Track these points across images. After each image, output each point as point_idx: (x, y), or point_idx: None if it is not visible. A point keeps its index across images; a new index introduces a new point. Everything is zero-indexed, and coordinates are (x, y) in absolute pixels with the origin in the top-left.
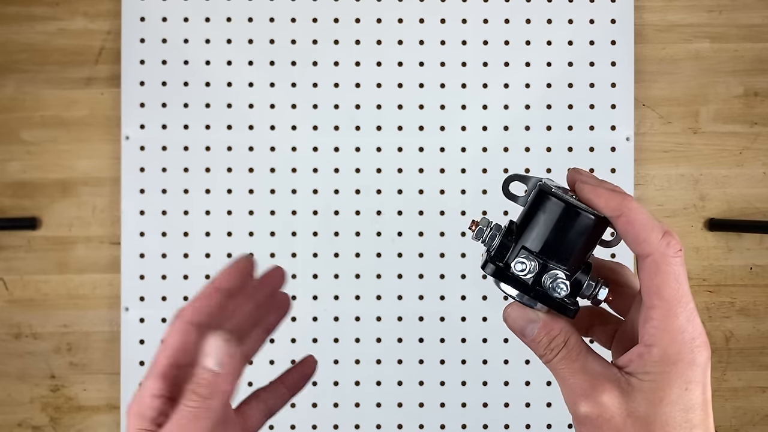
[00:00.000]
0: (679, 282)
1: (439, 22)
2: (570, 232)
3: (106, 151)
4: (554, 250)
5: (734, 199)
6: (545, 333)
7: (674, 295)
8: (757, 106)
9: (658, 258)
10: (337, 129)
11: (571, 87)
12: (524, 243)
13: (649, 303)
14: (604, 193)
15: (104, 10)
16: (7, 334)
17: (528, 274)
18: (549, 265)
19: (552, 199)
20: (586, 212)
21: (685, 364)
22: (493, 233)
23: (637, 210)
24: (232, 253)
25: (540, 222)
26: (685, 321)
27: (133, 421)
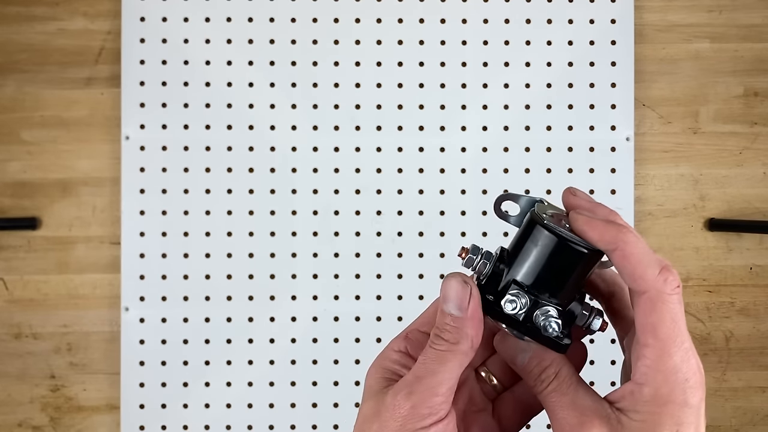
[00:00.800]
0: (675, 321)
1: (439, 22)
2: (562, 266)
3: (106, 151)
4: (546, 285)
5: (734, 199)
6: (536, 363)
7: (669, 334)
8: (757, 106)
9: (653, 296)
10: (337, 129)
11: (571, 87)
12: (515, 276)
13: (643, 341)
14: (598, 225)
15: (104, 10)
16: (7, 334)
17: (519, 311)
18: (540, 300)
19: (543, 231)
20: (578, 246)
21: (677, 405)
22: (484, 263)
23: (633, 243)
24: (232, 254)
25: (531, 254)
26: (680, 361)
27: (373, 372)
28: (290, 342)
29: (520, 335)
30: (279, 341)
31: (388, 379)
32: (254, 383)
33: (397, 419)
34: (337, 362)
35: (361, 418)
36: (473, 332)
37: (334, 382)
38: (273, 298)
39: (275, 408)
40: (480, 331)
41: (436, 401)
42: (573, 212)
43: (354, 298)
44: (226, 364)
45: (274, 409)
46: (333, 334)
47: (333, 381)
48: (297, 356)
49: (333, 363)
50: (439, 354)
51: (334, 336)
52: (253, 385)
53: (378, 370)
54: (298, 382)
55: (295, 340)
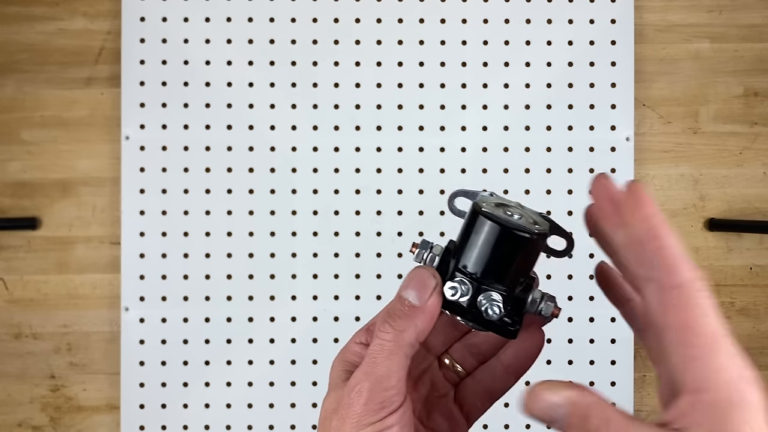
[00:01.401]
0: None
1: (439, 22)
2: (503, 251)
3: (106, 151)
4: (489, 271)
5: (734, 199)
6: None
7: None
8: (757, 106)
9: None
10: (337, 129)
11: (571, 87)
12: (460, 265)
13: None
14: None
15: (104, 10)
16: (7, 334)
17: (461, 298)
18: (484, 286)
19: (482, 219)
20: (517, 230)
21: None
22: (433, 255)
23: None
24: (232, 254)
25: (473, 242)
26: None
27: (336, 364)
28: (290, 342)
29: (472, 324)
30: (279, 341)
31: (348, 371)
32: (254, 383)
33: (353, 417)
34: None
35: (323, 411)
36: (423, 326)
37: None
38: (273, 298)
39: (275, 408)
40: (428, 328)
41: (386, 395)
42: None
43: (354, 298)
44: (226, 364)
45: (274, 409)
46: (333, 334)
47: None
48: (297, 356)
49: None
50: (385, 346)
51: (334, 336)
52: (253, 385)
53: (340, 362)
54: (298, 382)
55: (295, 340)
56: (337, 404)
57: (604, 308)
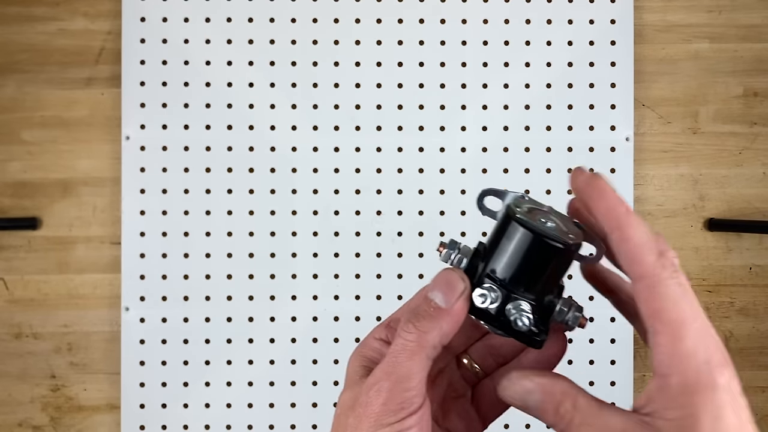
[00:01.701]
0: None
1: (439, 22)
2: (536, 261)
3: (106, 151)
4: (520, 279)
5: (734, 199)
6: (548, 401)
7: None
8: (756, 106)
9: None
10: (337, 129)
11: (571, 87)
12: (490, 270)
13: (652, 328)
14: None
15: (104, 11)
16: (7, 334)
17: (491, 305)
18: (513, 294)
19: (516, 226)
20: (553, 240)
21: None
22: (460, 257)
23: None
24: (232, 254)
25: (505, 248)
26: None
27: (353, 360)
28: (290, 342)
29: (497, 331)
30: (279, 341)
31: (366, 367)
32: (254, 383)
33: (370, 416)
34: (337, 362)
35: (339, 407)
36: (448, 328)
37: (334, 382)
38: (273, 298)
39: (275, 408)
40: (453, 331)
41: (407, 395)
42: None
43: (354, 298)
44: (226, 364)
45: (274, 409)
46: (333, 334)
47: (333, 381)
48: (297, 356)
49: (333, 363)
50: (407, 346)
51: (334, 336)
52: (253, 385)
53: (358, 358)
54: (298, 382)
55: (295, 340)
56: (354, 402)
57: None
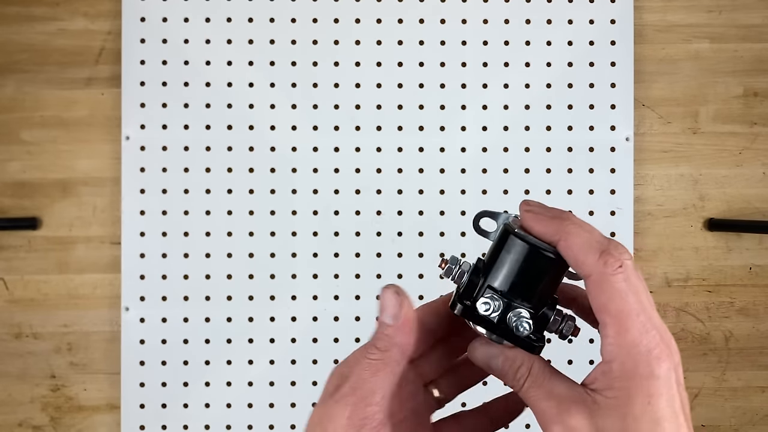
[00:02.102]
0: (624, 298)
1: (439, 22)
2: (533, 271)
3: (106, 151)
4: (518, 289)
5: (734, 199)
6: (509, 365)
7: (621, 310)
8: (756, 106)
9: (597, 278)
10: (337, 129)
11: (571, 87)
12: (490, 282)
13: (601, 321)
14: (543, 219)
15: (104, 11)
16: (7, 334)
17: (493, 313)
18: (513, 303)
19: (514, 239)
20: (547, 252)
21: (644, 377)
22: (462, 271)
23: (574, 233)
24: (232, 254)
25: (504, 261)
26: (638, 334)
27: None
28: (290, 342)
29: (496, 338)
30: (279, 341)
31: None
32: (254, 383)
33: (335, 430)
34: (337, 362)
35: (309, 422)
36: (404, 340)
37: None
38: (273, 298)
39: (275, 408)
40: (410, 340)
41: (369, 411)
42: (523, 211)
43: (354, 298)
44: (226, 364)
45: (274, 409)
46: (333, 334)
47: None
48: (297, 356)
49: (333, 363)
50: (372, 364)
51: (334, 336)
52: (253, 385)
53: (335, 376)
54: (298, 382)
55: (295, 340)
56: (321, 417)
57: None
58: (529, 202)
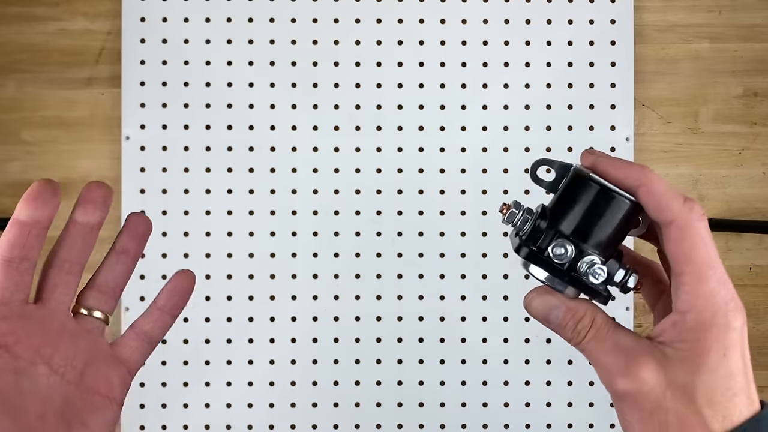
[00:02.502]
0: (707, 245)
1: (439, 22)
2: (606, 217)
3: (106, 151)
4: (590, 235)
5: (734, 199)
6: (570, 317)
7: (703, 258)
8: (756, 106)
9: (682, 223)
10: (337, 129)
11: (571, 87)
12: (559, 227)
13: (679, 269)
14: (623, 165)
15: (104, 11)
16: None
17: (565, 260)
18: (585, 250)
19: (589, 183)
20: (622, 196)
21: (720, 328)
22: (525, 217)
23: (657, 180)
24: (232, 254)
25: (575, 206)
26: (717, 284)
27: None
28: (290, 342)
29: (561, 285)
30: (279, 341)
31: None
32: (254, 383)
33: None
34: (337, 362)
35: None
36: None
37: (334, 382)
38: (273, 298)
39: (275, 408)
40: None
41: None
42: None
43: (354, 298)
44: (226, 364)
45: (274, 409)
46: (333, 334)
47: (333, 381)
48: (297, 356)
49: (333, 363)
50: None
51: (334, 336)
52: (253, 385)
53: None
54: (298, 382)
55: (295, 340)
56: None
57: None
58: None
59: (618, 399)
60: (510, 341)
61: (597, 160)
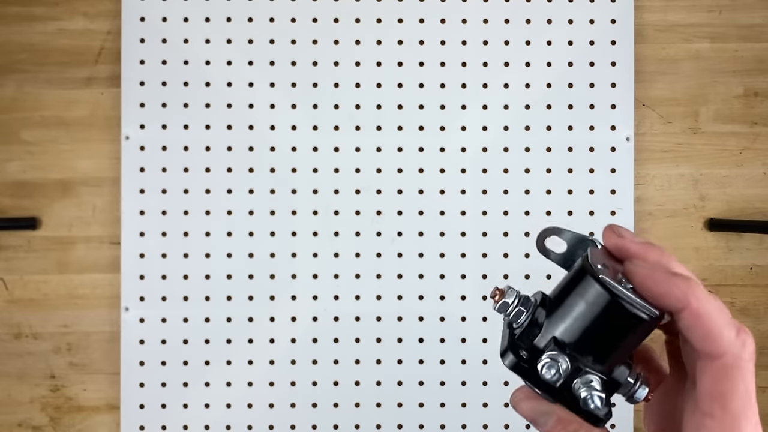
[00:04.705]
0: (749, 393)
1: (439, 22)
2: (614, 331)
3: (106, 151)
4: (592, 349)
5: (734, 199)
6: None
7: (742, 408)
8: (757, 106)
9: (730, 362)
10: (337, 129)
11: (571, 87)
12: (556, 333)
13: (709, 410)
14: (664, 280)
15: (104, 10)
16: (7, 334)
17: (558, 380)
18: (583, 367)
19: (596, 287)
20: (639, 311)
21: None
22: (520, 310)
23: (705, 300)
24: (232, 254)
25: (578, 310)
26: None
27: None
28: (290, 342)
29: (551, 400)
30: (279, 341)
31: None
32: (254, 383)
33: None
34: (337, 362)
35: None
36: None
37: (334, 382)
38: (273, 298)
39: (275, 408)
40: None
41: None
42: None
43: (354, 298)
44: (226, 364)
45: (274, 409)
46: (333, 334)
47: (333, 381)
48: (297, 356)
49: (333, 363)
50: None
51: (334, 336)
52: (253, 385)
53: None
54: (298, 382)
55: (295, 340)
56: None
57: None
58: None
59: None
60: None
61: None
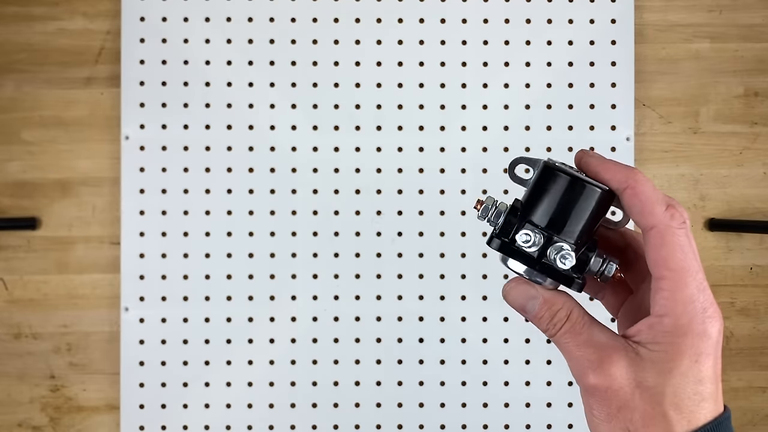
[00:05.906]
0: (685, 252)
1: (439, 22)
2: (575, 206)
3: (105, 151)
4: (560, 224)
5: (734, 199)
6: (547, 308)
7: (682, 265)
8: (757, 106)
9: (662, 229)
10: (337, 129)
11: (571, 87)
12: (529, 218)
13: (658, 274)
14: (611, 166)
15: (104, 10)
16: (6, 334)
17: (532, 247)
18: (554, 238)
19: (557, 173)
20: (591, 184)
21: (696, 335)
22: (498, 211)
23: (643, 182)
24: (232, 254)
25: (545, 197)
26: (696, 290)
27: None
28: (290, 342)
29: (539, 277)
30: (279, 341)
31: None
32: (254, 383)
33: None
34: (337, 362)
35: None
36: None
37: (334, 382)
38: (273, 298)
39: (275, 408)
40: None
41: None
42: (586, 156)
43: (354, 298)
44: (226, 364)
45: (274, 409)
46: (333, 334)
47: (333, 381)
48: (297, 356)
49: (333, 363)
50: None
51: (334, 336)
52: (253, 385)
53: None
54: (298, 382)
55: (295, 340)
56: None
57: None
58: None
59: (587, 394)
60: (510, 341)
61: (587, 159)
